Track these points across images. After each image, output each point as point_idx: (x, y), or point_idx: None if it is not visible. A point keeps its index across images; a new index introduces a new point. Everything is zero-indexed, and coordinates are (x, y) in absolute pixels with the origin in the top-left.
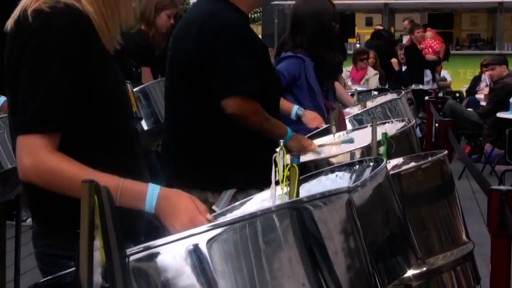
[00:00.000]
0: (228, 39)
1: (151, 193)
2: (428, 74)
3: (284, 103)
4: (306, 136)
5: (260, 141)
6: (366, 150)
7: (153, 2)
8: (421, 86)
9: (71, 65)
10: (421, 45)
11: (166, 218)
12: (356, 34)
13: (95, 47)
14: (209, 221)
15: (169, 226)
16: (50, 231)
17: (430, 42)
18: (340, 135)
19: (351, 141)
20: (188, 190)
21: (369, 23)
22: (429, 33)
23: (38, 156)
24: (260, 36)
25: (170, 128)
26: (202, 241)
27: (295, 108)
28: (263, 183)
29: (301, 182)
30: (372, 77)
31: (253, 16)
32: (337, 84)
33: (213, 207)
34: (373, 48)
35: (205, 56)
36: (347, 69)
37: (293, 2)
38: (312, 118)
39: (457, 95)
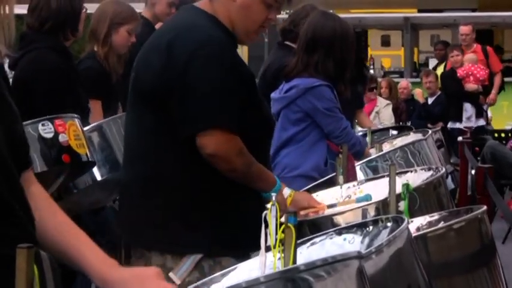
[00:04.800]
0: (204, 60)
1: None
2: (468, 109)
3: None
4: (304, 189)
5: (239, 195)
6: (382, 207)
7: (106, 15)
8: (458, 125)
9: None
10: (460, 73)
11: None
12: (369, 57)
13: None
14: None
15: None
16: None
17: (472, 69)
18: (350, 188)
19: (367, 198)
20: (144, 252)
21: (385, 42)
22: (471, 55)
23: None
24: (246, 58)
25: (127, 171)
26: None
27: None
28: (239, 249)
29: (298, 246)
30: (384, 108)
31: None
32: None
33: (170, 274)
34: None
35: (174, 79)
36: None
37: (286, 17)
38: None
39: (502, 134)
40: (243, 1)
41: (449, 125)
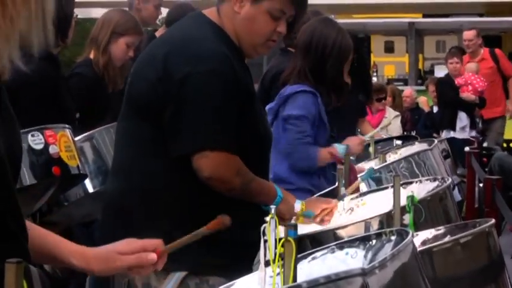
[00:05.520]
0: (201, 76)
1: None
2: (463, 119)
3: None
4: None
5: (231, 209)
6: (386, 220)
7: (110, 23)
8: (452, 134)
9: None
10: (459, 81)
11: None
12: (372, 64)
13: None
14: None
15: None
16: None
17: (472, 78)
18: (353, 200)
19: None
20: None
21: (389, 48)
22: (471, 65)
23: None
24: None
25: (114, 182)
26: None
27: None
28: (228, 269)
29: (299, 261)
30: (393, 120)
31: None
32: None
33: None
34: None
35: (170, 94)
36: None
37: None
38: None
39: (511, 145)
40: (247, 13)
41: (444, 134)
